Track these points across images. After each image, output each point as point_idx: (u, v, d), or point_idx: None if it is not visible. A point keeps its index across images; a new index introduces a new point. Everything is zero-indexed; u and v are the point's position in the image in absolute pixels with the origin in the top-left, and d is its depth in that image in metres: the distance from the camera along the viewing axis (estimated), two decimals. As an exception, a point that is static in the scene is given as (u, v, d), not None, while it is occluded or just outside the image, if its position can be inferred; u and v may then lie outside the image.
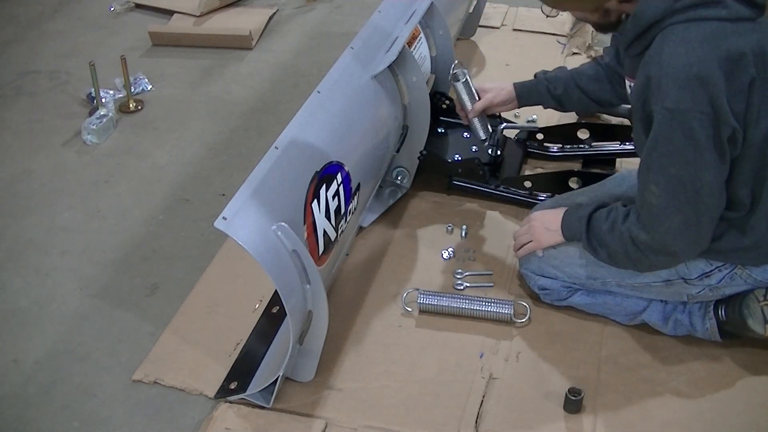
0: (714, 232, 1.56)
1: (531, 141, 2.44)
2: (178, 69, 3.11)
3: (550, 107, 2.13)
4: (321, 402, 1.67)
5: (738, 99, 1.43)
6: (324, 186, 1.67)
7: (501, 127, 2.29)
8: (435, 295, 1.88)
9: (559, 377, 1.72)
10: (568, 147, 2.43)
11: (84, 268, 2.10)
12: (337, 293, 1.95)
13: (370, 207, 2.19)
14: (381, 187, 2.25)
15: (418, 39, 2.32)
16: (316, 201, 1.63)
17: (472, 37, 3.21)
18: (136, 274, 2.07)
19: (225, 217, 1.41)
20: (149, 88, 2.96)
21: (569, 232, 1.74)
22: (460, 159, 2.25)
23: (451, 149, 2.34)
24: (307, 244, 1.57)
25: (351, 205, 1.82)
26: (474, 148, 2.32)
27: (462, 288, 1.96)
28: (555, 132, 2.44)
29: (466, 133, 2.35)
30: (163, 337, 1.85)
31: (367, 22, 2.17)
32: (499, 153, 2.30)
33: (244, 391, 1.67)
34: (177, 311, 1.92)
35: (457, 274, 2.01)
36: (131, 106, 2.84)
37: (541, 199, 2.18)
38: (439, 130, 2.37)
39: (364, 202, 2.04)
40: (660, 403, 1.66)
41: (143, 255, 2.14)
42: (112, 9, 3.64)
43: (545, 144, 2.44)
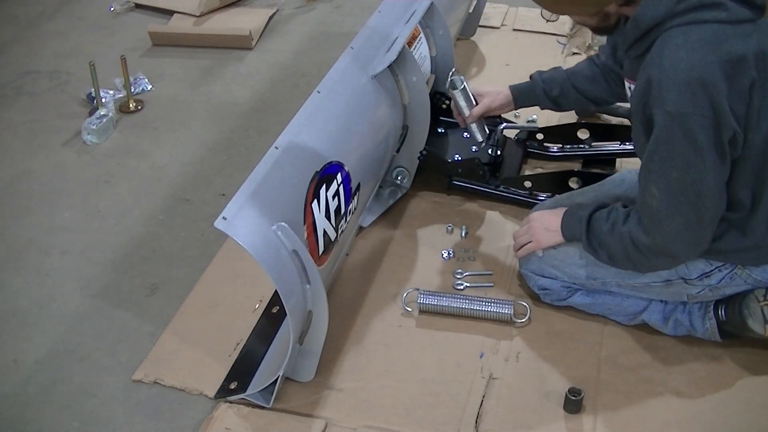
0: (714, 233, 1.56)
1: (531, 141, 2.44)
2: (178, 69, 3.11)
3: (547, 108, 2.13)
4: (321, 402, 1.67)
5: (739, 101, 1.43)
6: (324, 186, 1.67)
7: (501, 127, 2.28)
8: (435, 295, 1.88)
9: (559, 377, 1.72)
10: (568, 147, 2.43)
11: (84, 268, 2.10)
12: (337, 293, 1.95)
13: (370, 207, 2.19)
14: (381, 187, 2.24)
15: (418, 39, 2.32)
16: (316, 201, 1.63)
17: (472, 37, 3.21)
18: (136, 274, 2.07)
19: (225, 217, 1.41)
20: (149, 88, 2.96)
21: (569, 232, 1.74)
22: (460, 159, 2.25)
23: (451, 149, 2.34)
24: (307, 244, 1.57)
25: (351, 205, 1.82)
26: (474, 148, 2.32)
27: (462, 288, 1.96)
28: (555, 132, 2.44)
29: (466, 134, 2.34)
30: (163, 337, 1.85)
31: (367, 22, 2.17)
32: (499, 153, 2.30)
33: (244, 391, 1.67)
34: (177, 311, 1.92)
35: (457, 274, 2.01)
36: (131, 106, 2.84)
37: (541, 199, 2.18)
38: (439, 130, 2.37)
39: (364, 202, 2.04)
40: (660, 403, 1.66)
41: (143, 255, 2.14)
42: (112, 9, 3.64)
43: (545, 144, 2.44)
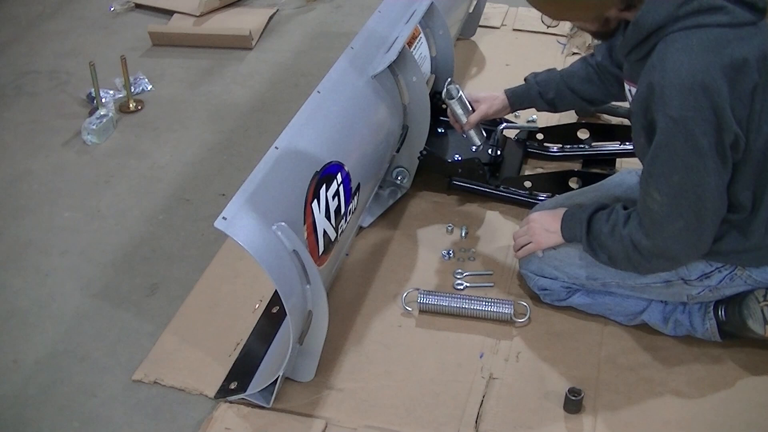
0: (715, 234, 1.56)
1: (531, 141, 2.44)
2: (178, 69, 3.11)
3: (544, 110, 2.13)
4: (321, 402, 1.67)
5: (741, 105, 1.42)
6: (324, 186, 1.67)
7: (501, 127, 2.28)
8: (435, 295, 1.88)
9: (559, 377, 1.72)
10: (568, 147, 2.43)
11: (84, 268, 2.10)
12: (337, 293, 1.95)
13: (370, 207, 2.19)
14: (381, 187, 2.24)
15: (418, 39, 2.32)
16: (316, 201, 1.63)
17: (472, 37, 3.21)
18: (136, 274, 2.07)
19: (225, 217, 1.41)
20: (149, 88, 2.96)
21: (569, 233, 1.74)
22: (460, 159, 2.25)
23: (451, 149, 2.34)
24: (307, 244, 1.57)
25: (351, 205, 1.82)
26: (474, 148, 2.32)
27: (462, 288, 1.96)
28: (555, 132, 2.44)
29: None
30: (163, 337, 1.85)
31: (367, 22, 2.17)
32: (499, 153, 2.30)
33: (244, 391, 1.67)
34: (177, 311, 1.92)
35: (457, 274, 2.01)
36: (131, 106, 2.84)
37: (541, 199, 2.18)
38: (439, 130, 2.37)
39: (364, 202, 2.04)
40: (660, 403, 1.66)
41: (143, 255, 2.14)
42: (112, 9, 3.64)
43: (545, 144, 2.44)
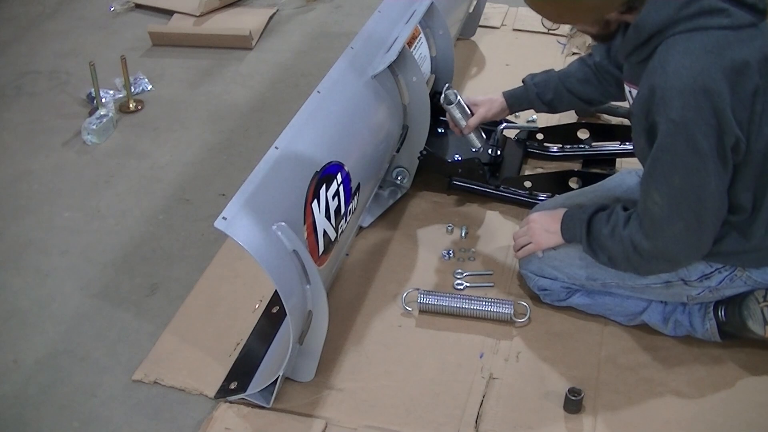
0: (715, 236, 1.56)
1: (531, 141, 2.44)
2: (178, 69, 3.11)
3: (543, 111, 2.13)
4: (321, 402, 1.67)
5: (742, 108, 1.42)
6: (324, 186, 1.67)
7: (501, 127, 2.28)
8: (435, 295, 1.88)
9: (559, 377, 1.72)
10: (568, 147, 2.43)
11: (84, 268, 2.10)
12: (337, 293, 1.95)
13: (370, 207, 2.19)
14: (381, 187, 2.24)
15: (418, 39, 2.32)
16: (316, 201, 1.63)
17: (472, 37, 3.21)
18: (136, 274, 2.07)
19: (225, 217, 1.41)
20: (149, 88, 2.96)
21: (569, 234, 1.74)
22: (460, 159, 2.25)
23: (451, 149, 2.34)
24: (307, 244, 1.57)
25: (351, 205, 1.82)
26: (474, 150, 2.32)
27: (462, 288, 1.96)
28: (555, 132, 2.44)
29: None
30: (163, 337, 1.85)
31: (367, 22, 2.17)
32: (499, 153, 2.30)
33: (244, 391, 1.67)
34: (177, 311, 1.92)
35: (457, 274, 2.01)
36: (131, 106, 2.84)
37: (541, 199, 2.18)
38: (439, 130, 2.37)
39: (364, 202, 2.04)
40: (660, 403, 1.66)
41: (143, 255, 2.14)
42: (112, 9, 3.64)
43: (545, 144, 2.44)
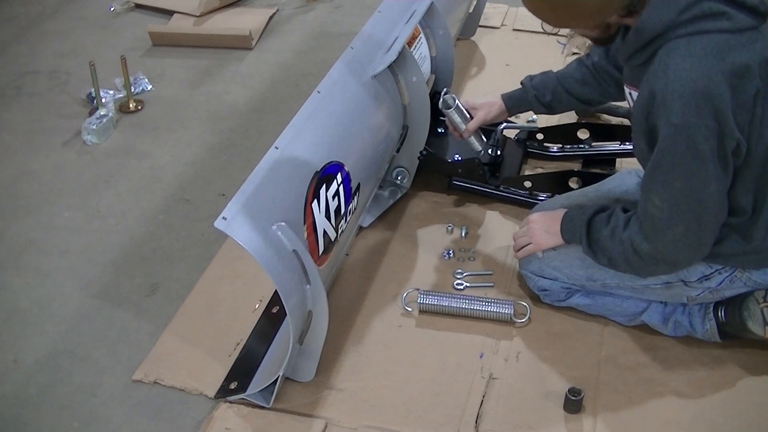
0: (715, 238, 1.56)
1: (531, 141, 2.44)
2: (178, 69, 3.11)
3: (542, 113, 2.13)
4: (321, 402, 1.67)
5: (743, 111, 1.42)
6: (324, 186, 1.67)
7: (501, 127, 2.28)
8: (435, 295, 1.88)
9: (559, 377, 1.72)
10: (568, 147, 2.43)
11: (84, 268, 2.10)
12: (337, 293, 1.95)
13: (370, 207, 2.19)
14: (381, 187, 2.24)
15: (418, 39, 2.32)
16: (316, 201, 1.63)
17: (472, 37, 3.21)
18: (136, 274, 2.07)
19: (225, 217, 1.41)
20: (149, 88, 2.96)
21: (569, 235, 1.74)
22: (460, 159, 2.25)
23: (451, 149, 2.33)
24: (307, 244, 1.57)
25: (351, 205, 1.82)
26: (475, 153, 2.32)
27: (462, 288, 1.96)
28: (555, 132, 2.43)
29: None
30: (163, 337, 1.85)
31: (367, 22, 2.17)
32: (499, 153, 2.30)
33: (244, 391, 1.67)
34: (177, 311, 1.92)
35: (457, 274, 2.01)
36: (131, 106, 2.84)
37: (541, 199, 2.18)
38: (439, 130, 2.37)
39: (364, 202, 2.04)
40: (660, 403, 1.66)
41: (143, 255, 2.14)
42: (112, 9, 3.64)
43: (545, 144, 2.44)
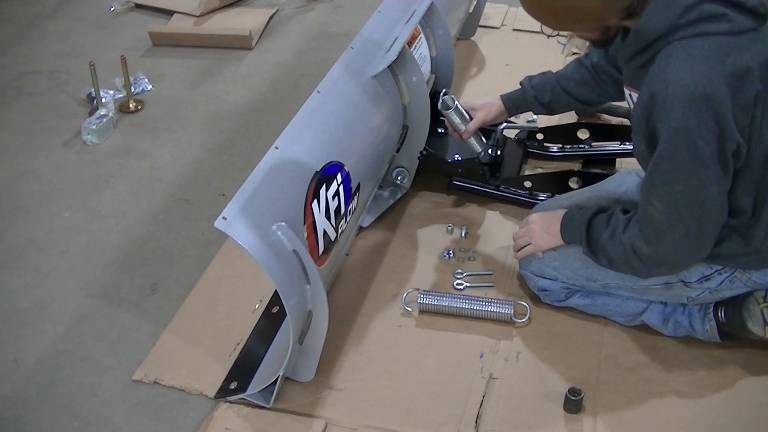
0: (715, 240, 1.56)
1: (531, 141, 2.44)
2: (178, 69, 3.11)
3: (541, 113, 2.13)
4: (321, 402, 1.67)
5: (743, 113, 1.42)
6: (324, 186, 1.67)
7: (501, 127, 2.28)
8: (435, 295, 1.88)
9: (559, 377, 1.72)
10: (568, 147, 2.43)
11: (84, 268, 2.10)
12: (337, 293, 1.95)
13: (370, 207, 2.19)
14: (381, 187, 2.24)
15: (418, 39, 2.32)
16: (316, 201, 1.63)
17: (472, 37, 3.21)
18: (136, 274, 2.07)
19: (225, 217, 1.41)
20: (149, 88, 2.96)
21: (569, 236, 1.74)
22: (460, 159, 2.25)
23: (451, 149, 2.33)
24: (307, 244, 1.57)
25: (351, 205, 1.82)
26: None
27: (462, 288, 1.96)
28: (555, 132, 2.43)
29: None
30: (163, 337, 1.85)
31: (367, 22, 2.17)
32: (499, 153, 2.30)
33: (244, 391, 1.67)
34: (177, 311, 1.92)
35: (457, 274, 2.01)
36: (131, 106, 2.84)
37: (541, 199, 2.18)
38: (439, 130, 2.36)
39: (364, 202, 2.04)
40: (660, 403, 1.66)
41: (143, 255, 2.14)
42: (112, 9, 3.64)
43: (545, 144, 2.44)
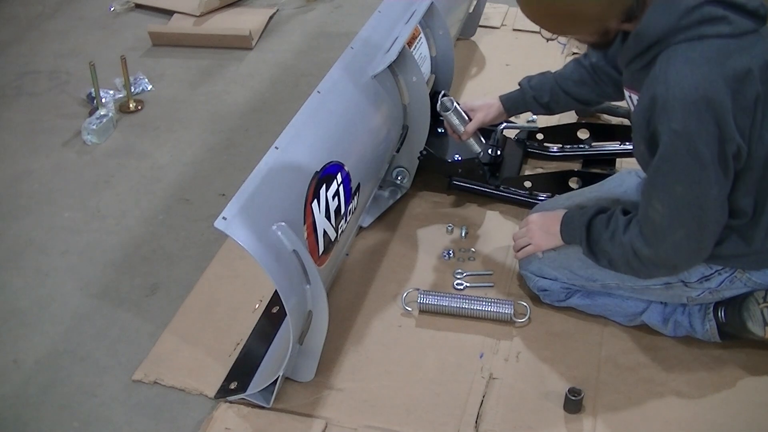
0: (715, 241, 1.56)
1: (531, 141, 2.44)
2: (178, 69, 3.11)
3: (540, 113, 2.13)
4: (321, 402, 1.67)
5: (744, 116, 1.42)
6: (324, 186, 1.67)
7: (501, 127, 2.28)
8: (435, 295, 1.88)
9: (559, 377, 1.72)
10: (568, 147, 2.43)
11: (84, 268, 2.10)
12: (337, 293, 1.95)
13: (370, 207, 2.19)
14: (381, 187, 2.24)
15: (418, 39, 2.32)
16: (316, 201, 1.63)
17: (472, 37, 3.21)
18: (136, 274, 2.07)
19: (225, 217, 1.41)
20: (149, 88, 2.96)
21: (568, 236, 1.74)
22: (460, 159, 2.25)
23: (451, 149, 2.33)
24: (307, 244, 1.57)
25: (351, 205, 1.82)
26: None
27: (462, 288, 1.96)
28: (555, 132, 2.43)
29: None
30: (163, 337, 1.85)
31: (367, 22, 2.17)
32: (499, 153, 2.30)
33: (244, 391, 1.67)
34: (177, 311, 1.92)
35: (457, 274, 2.01)
36: (131, 106, 2.84)
37: (541, 199, 2.18)
38: (439, 130, 2.36)
39: (364, 202, 2.04)
40: (660, 403, 1.66)
41: (143, 255, 2.14)
42: (112, 9, 3.64)
43: (545, 144, 2.44)
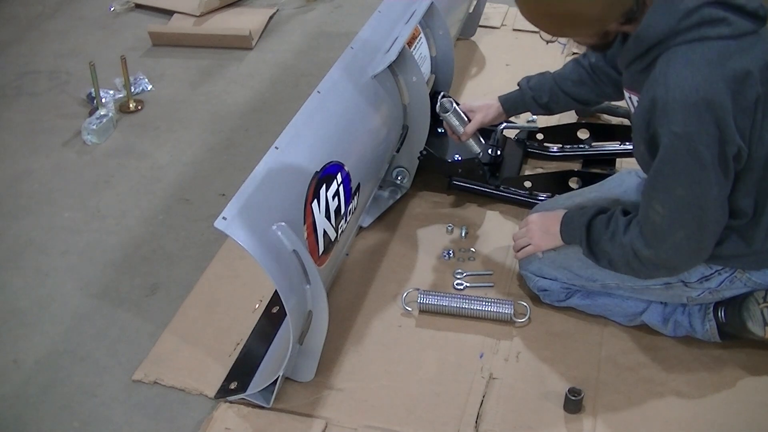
0: (715, 242, 1.56)
1: (531, 141, 2.44)
2: (178, 69, 3.11)
3: (539, 114, 2.13)
4: (321, 402, 1.67)
5: (744, 117, 1.42)
6: (324, 186, 1.67)
7: (501, 127, 2.28)
8: (435, 295, 1.88)
9: (559, 377, 1.72)
10: (568, 147, 2.43)
11: (84, 268, 2.10)
12: (337, 293, 1.95)
13: (370, 207, 2.19)
14: (381, 187, 2.24)
15: (418, 39, 2.32)
16: (316, 201, 1.63)
17: (472, 37, 3.21)
18: (136, 274, 2.07)
19: (225, 217, 1.41)
20: (149, 88, 2.96)
21: (568, 236, 1.74)
22: (460, 159, 2.25)
23: (451, 149, 2.33)
24: (307, 244, 1.57)
25: (351, 205, 1.82)
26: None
27: (462, 288, 1.96)
28: (555, 132, 2.43)
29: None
30: (163, 337, 1.85)
31: (367, 22, 2.17)
32: (499, 153, 2.30)
33: (244, 391, 1.67)
34: (177, 311, 1.92)
35: (457, 274, 2.01)
36: (131, 106, 2.84)
37: (541, 199, 2.18)
38: (439, 130, 2.36)
39: (364, 202, 2.04)
40: (660, 403, 1.66)
41: (143, 255, 2.14)
42: (112, 9, 3.64)
43: (545, 144, 2.44)
